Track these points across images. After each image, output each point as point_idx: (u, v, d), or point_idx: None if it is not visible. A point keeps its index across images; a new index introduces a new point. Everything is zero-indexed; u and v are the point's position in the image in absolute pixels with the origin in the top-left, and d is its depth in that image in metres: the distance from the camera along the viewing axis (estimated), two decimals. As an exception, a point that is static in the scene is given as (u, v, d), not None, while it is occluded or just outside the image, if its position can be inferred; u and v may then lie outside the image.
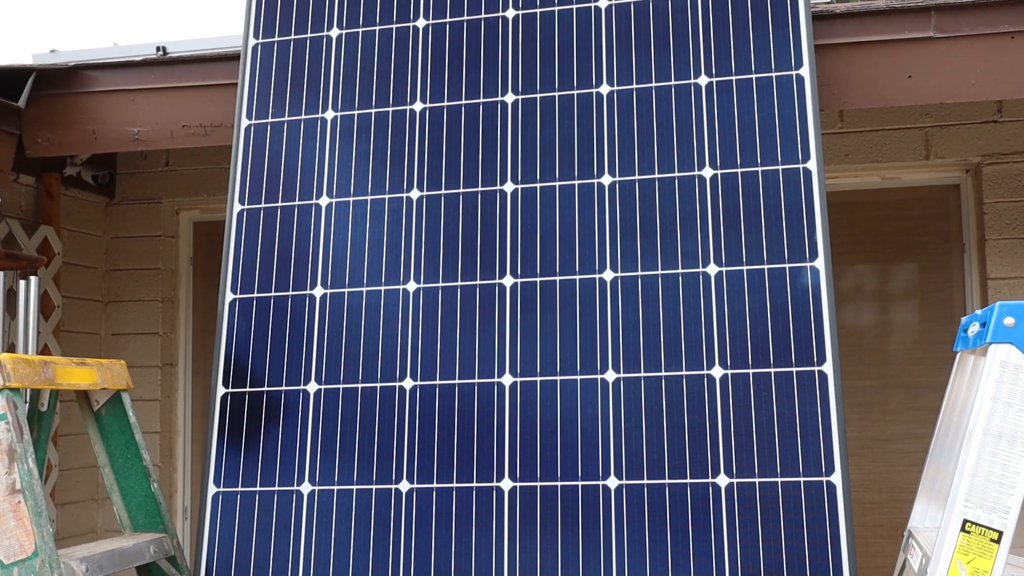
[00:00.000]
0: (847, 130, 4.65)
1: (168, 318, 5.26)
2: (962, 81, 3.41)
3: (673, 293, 3.17)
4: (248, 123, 3.64)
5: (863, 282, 4.80)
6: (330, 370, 3.34)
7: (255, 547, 3.24)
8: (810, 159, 3.19)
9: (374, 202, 3.46)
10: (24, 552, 2.54)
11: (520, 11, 3.52)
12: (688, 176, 3.26)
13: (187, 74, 3.98)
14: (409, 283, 3.35)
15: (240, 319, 3.46)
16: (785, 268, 3.13)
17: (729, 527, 2.97)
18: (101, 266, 5.28)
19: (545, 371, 3.18)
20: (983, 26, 3.40)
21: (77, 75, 4.08)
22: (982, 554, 2.20)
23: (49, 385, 2.79)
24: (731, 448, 3.02)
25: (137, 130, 4.00)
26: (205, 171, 5.23)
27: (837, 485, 2.94)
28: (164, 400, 5.20)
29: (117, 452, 3.15)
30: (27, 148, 4.11)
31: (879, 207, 4.80)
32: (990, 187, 4.49)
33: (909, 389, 4.73)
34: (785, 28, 3.32)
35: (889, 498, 4.71)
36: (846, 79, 3.47)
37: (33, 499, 2.56)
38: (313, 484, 3.25)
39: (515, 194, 3.35)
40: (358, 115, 3.55)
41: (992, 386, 2.26)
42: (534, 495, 3.09)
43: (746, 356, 3.08)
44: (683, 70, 3.35)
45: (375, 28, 3.63)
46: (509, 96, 3.45)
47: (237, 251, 3.53)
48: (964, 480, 2.24)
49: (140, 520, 3.14)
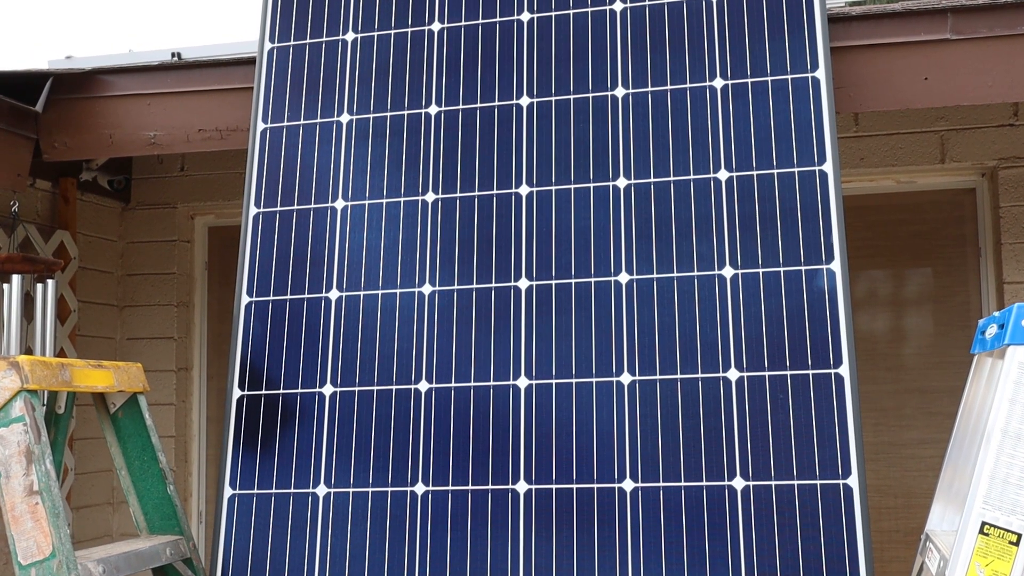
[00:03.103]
0: (862, 134, 4.64)
1: (183, 322, 5.27)
2: (979, 83, 3.40)
3: (689, 296, 3.16)
4: (264, 126, 3.66)
5: (878, 286, 4.79)
6: (346, 372, 3.34)
7: (271, 549, 3.24)
8: (826, 161, 3.18)
9: (389, 205, 3.46)
10: (42, 553, 2.55)
11: (535, 14, 3.53)
12: (703, 179, 3.25)
13: (203, 78, 3.99)
14: (424, 286, 3.36)
15: (256, 322, 3.46)
16: (801, 271, 3.12)
17: (745, 529, 2.96)
18: (117, 271, 5.30)
19: (560, 374, 3.18)
20: (1000, 28, 3.39)
21: (94, 80, 4.10)
22: (1001, 556, 2.18)
23: (66, 387, 2.80)
24: (747, 450, 3.01)
25: (153, 134, 4.01)
26: (220, 176, 5.25)
27: (854, 488, 2.93)
28: (179, 404, 5.21)
29: (134, 454, 3.16)
30: (44, 152, 4.13)
31: (894, 211, 4.79)
32: (1006, 191, 4.48)
33: (924, 394, 4.71)
34: (801, 31, 3.31)
35: (904, 503, 4.69)
36: (862, 81, 3.46)
37: (51, 500, 2.57)
38: (329, 486, 3.25)
39: (530, 197, 3.35)
40: (373, 118, 3.56)
41: (1010, 388, 2.25)
42: (549, 498, 3.09)
43: (762, 358, 3.07)
44: (698, 73, 3.35)
45: (390, 31, 3.64)
46: (524, 99, 3.45)
47: (253, 254, 3.54)
48: (982, 482, 2.22)
49: (156, 522, 3.15)
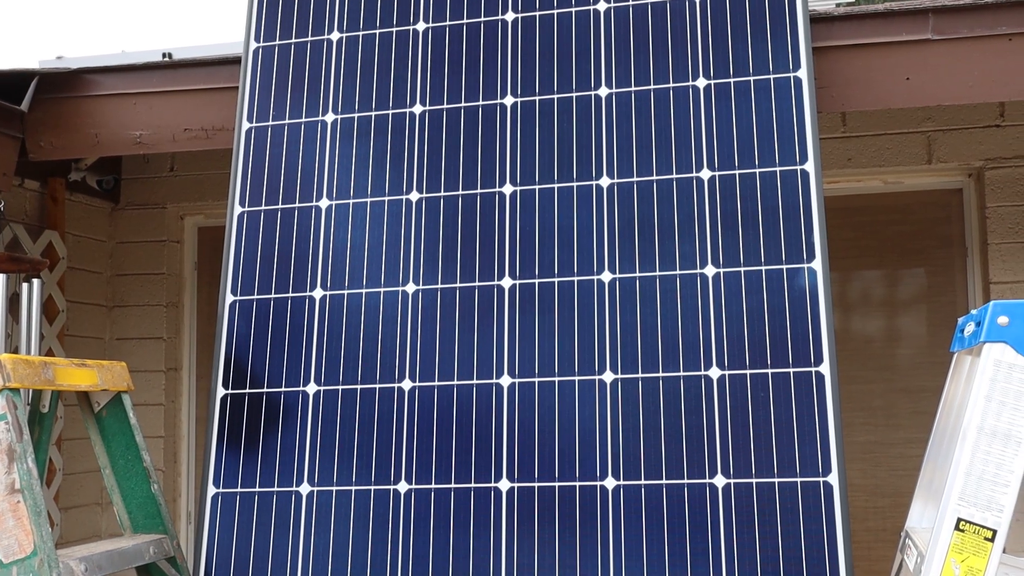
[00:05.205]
0: (849, 134, 4.65)
1: (172, 323, 5.27)
2: (960, 83, 3.41)
3: (671, 294, 3.17)
4: (249, 126, 3.66)
5: (866, 286, 4.80)
6: (329, 371, 3.35)
7: (254, 547, 3.24)
8: (808, 161, 3.19)
9: (374, 204, 3.47)
10: (23, 551, 2.55)
11: (519, 14, 3.54)
12: (686, 178, 3.26)
13: (189, 78, 4.00)
14: (408, 284, 3.36)
15: (240, 321, 3.47)
16: (783, 269, 3.13)
17: (726, 527, 2.96)
18: (106, 271, 5.30)
19: (543, 372, 3.19)
20: (981, 28, 3.40)
21: (79, 79, 4.10)
22: (976, 553, 2.19)
23: (49, 386, 2.80)
24: (728, 449, 3.02)
25: (139, 133, 4.02)
26: (209, 176, 5.25)
27: (834, 485, 2.93)
28: (168, 404, 5.21)
29: (118, 453, 3.16)
30: (30, 152, 4.14)
31: (882, 211, 4.80)
32: (992, 191, 4.49)
33: (912, 393, 4.72)
34: (783, 30, 3.32)
35: (892, 503, 4.70)
36: (844, 81, 3.47)
37: (32, 499, 2.57)
38: (312, 485, 3.26)
39: (514, 196, 3.36)
40: (358, 117, 3.57)
41: (986, 385, 2.25)
42: (532, 496, 3.10)
43: (743, 357, 3.08)
44: (681, 72, 3.36)
45: (375, 31, 3.65)
46: (508, 98, 3.46)
47: (237, 253, 3.54)
48: (958, 479, 2.23)
49: (140, 521, 3.15)
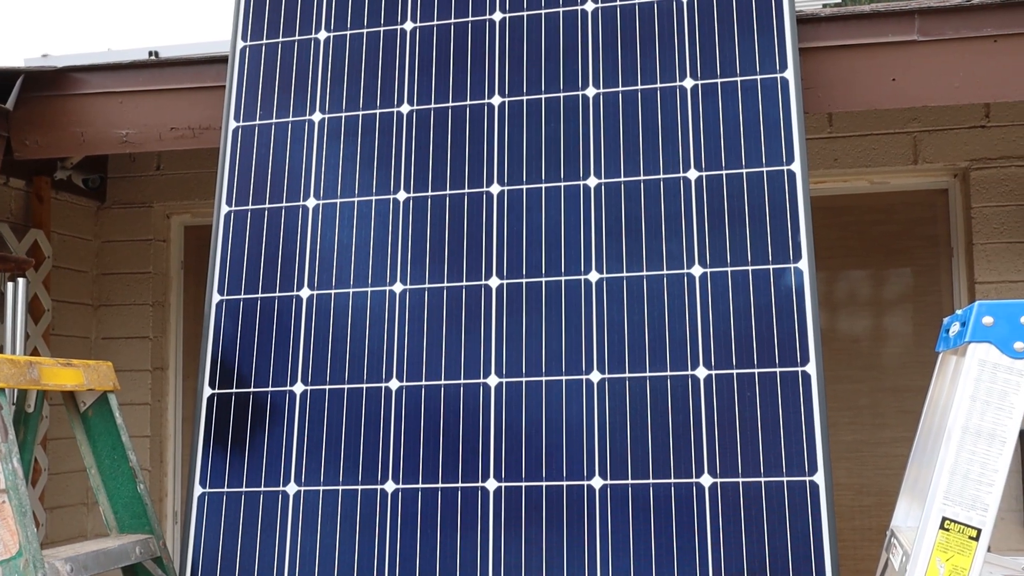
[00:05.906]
0: (836, 135, 4.67)
1: (159, 322, 5.26)
2: (946, 84, 3.43)
3: (658, 294, 3.18)
4: (236, 125, 3.65)
5: (852, 286, 4.81)
6: (316, 371, 3.34)
7: (240, 547, 3.24)
8: (794, 161, 3.20)
9: (361, 204, 3.47)
10: (8, 552, 2.54)
11: (507, 14, 3.54)
12: (673, 178, 3.27)
13: (175, 76, 3.98)
14: (395, 284, 3.36)
15: (227, 320, 3.46)
16: (769, 269, 3.14)
17: (713, 526, 2.97)
18: (92, 270, 5.28)
19: (530, 372, 3.19)
20: (966, 29, 3.42)
21: (65, 77, 4.09)
22: (961, 551, 2.20)
23: (35, 386, 2.79)
24: (715, 448, 3.03)
25: (125, 132, 4.00)
26: (196, 175, 5.24)
27: (820, 485, 2.94)
28: (155, 404, 5.19)
29: (104, 453, 3.15)
30: (16, 150, 4.12)
31: (868, 211, 4.82)
32: (978, 191, 4.51)
33: (898, 393, 4.74)
34: (770, 31, 3.33)
35: (878, 502, 4.72)
36: (830, 82, 3.48)
37: (18, 499, 2.56)
38: (299, 485, 3.25)
39: (501, 196, 3.36)
40: (345, 117, 3.56)
41: (971, 385, 2.26)
42: (519, 495, 3.10)
43: (730, 357, 3.09)
44: (668, 72, 3.37)
45: (363, 31, 3.64)
46: (496, 98, 3.46)
47: (224, 252, 3.53)
48: (943, 478, 2.24)
49: (126, 521, 3.14)
